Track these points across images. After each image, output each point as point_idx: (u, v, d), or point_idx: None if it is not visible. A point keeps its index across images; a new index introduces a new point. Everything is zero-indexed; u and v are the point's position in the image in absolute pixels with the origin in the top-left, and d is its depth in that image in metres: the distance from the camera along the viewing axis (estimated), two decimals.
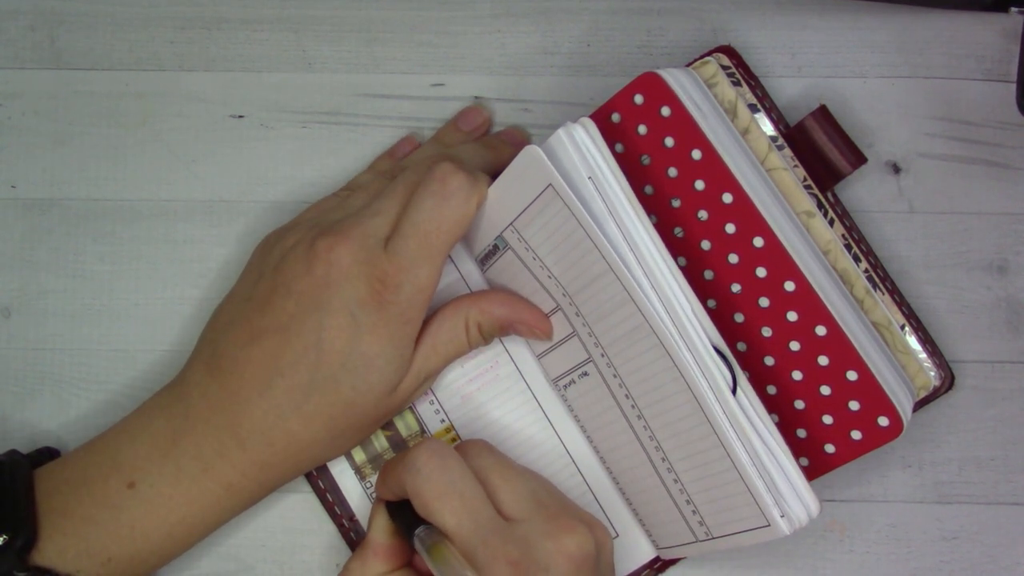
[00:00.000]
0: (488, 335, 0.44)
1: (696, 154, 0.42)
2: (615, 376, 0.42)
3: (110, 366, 0.48)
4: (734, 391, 0.39)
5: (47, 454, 0.44)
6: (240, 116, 0.49)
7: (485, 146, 0.47)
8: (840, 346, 0.41)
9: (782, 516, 0.39)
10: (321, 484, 0.46)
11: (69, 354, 0.48)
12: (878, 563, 0.47)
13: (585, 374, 0.44)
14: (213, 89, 0.49)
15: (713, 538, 0.42)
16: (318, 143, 0.49)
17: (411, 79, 0.49)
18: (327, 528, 0.47)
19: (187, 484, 0.41)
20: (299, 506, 0.47)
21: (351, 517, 0.46)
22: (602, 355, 0.42)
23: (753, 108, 0.45)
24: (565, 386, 0.45)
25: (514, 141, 0.48)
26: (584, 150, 0.40)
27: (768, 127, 0.45)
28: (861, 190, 0.48)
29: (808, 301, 0.42)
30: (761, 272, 0.42)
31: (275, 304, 0.41)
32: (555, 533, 0.38)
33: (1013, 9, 0.48)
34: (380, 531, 0.41)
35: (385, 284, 0.40)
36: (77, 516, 0.40)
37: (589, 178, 0.40)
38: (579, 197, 0.39)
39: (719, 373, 0.39)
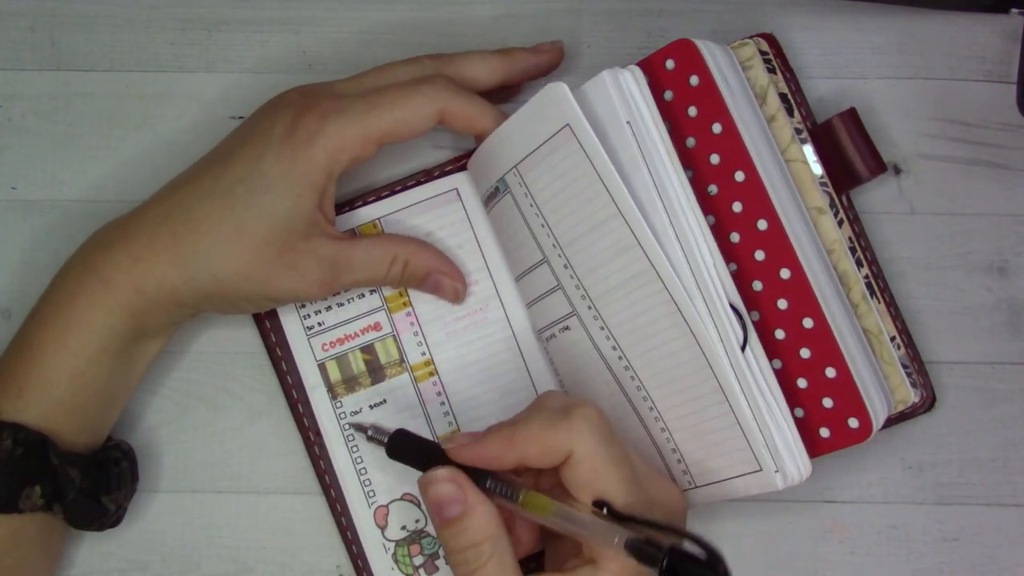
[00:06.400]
0: (407, 279, 0.45)
1: (716, 127, 0.42)
2: (602, 328, 0.43)
3: None
4: (743, 348, 0.40)
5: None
6: (240, 117, 0.49)
7: (499, 53, 0.46)
8: (824, 341, 0.42)
9: (776, 471, 0.40)
10: (295, 395, 0.47)
11: None
12: (879, 564, 0.47)
13: (566, 328, 0.44)
14: (213, 90, 0.49)
15: (696, 487, 0.43)
16: None
17: None
18: (327, 530, 0.47)
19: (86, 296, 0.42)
20: (299, 508, 0.47)
21: (317, 432, 0.46)
22: (589, 307, 0.43)
23: (783, 99, 0.45)
24: (547, 339, 0.46)
25: (538, 48, 0.47)
26: (628, 95, 0.41)
27: (796, 119, 0.45)
28: (862, 191, 0.48)
29: (800, 291, 0.42)
30: (760, 255, 0.42)
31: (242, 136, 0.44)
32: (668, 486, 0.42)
33: (1013, 10, 0.48)
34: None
35: (305, 120, 0.42)
36: None
37: (627, 123, 0.40)
38: (605, 140, 0.40)
39: (731, 329, 0.40)
